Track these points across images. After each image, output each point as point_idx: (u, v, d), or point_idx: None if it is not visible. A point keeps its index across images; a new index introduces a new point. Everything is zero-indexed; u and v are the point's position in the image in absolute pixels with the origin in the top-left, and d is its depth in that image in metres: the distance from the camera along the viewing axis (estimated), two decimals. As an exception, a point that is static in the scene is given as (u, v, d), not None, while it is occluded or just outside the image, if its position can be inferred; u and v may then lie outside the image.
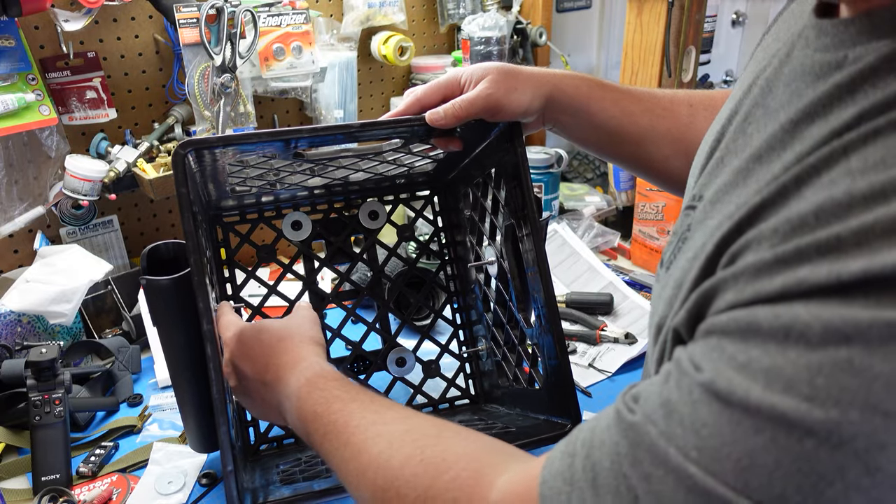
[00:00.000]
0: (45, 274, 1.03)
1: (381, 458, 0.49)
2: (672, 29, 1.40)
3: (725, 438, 0.32)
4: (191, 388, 0.76)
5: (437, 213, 0.99)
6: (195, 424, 0.79)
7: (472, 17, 1.47)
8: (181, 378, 0.76)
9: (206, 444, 0.81)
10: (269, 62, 1.25)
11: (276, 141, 0.69)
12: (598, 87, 0.73)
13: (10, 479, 0.86)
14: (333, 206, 0.93)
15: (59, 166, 1.11)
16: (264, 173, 0.79)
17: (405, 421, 0.52)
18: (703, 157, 0.50)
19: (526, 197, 0.73)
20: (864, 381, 0.29)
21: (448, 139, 0.75)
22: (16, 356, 0.95)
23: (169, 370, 0.77)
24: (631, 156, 0.76)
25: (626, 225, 1.49)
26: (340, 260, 0.94)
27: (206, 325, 0.64)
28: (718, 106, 0.73)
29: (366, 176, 0.88)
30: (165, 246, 0.76)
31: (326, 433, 0.55)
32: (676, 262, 0.45)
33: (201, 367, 0.66)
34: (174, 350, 0.74)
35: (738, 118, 0.47)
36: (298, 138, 0.68)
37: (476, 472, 0.44)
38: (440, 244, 0.99)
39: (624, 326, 1.15)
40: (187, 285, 0.66)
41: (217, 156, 0.69)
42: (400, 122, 0.71)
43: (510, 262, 0.83)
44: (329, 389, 0.57)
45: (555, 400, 0.75)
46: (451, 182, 0.97)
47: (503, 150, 0.76)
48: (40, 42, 1.09)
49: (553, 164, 1.46)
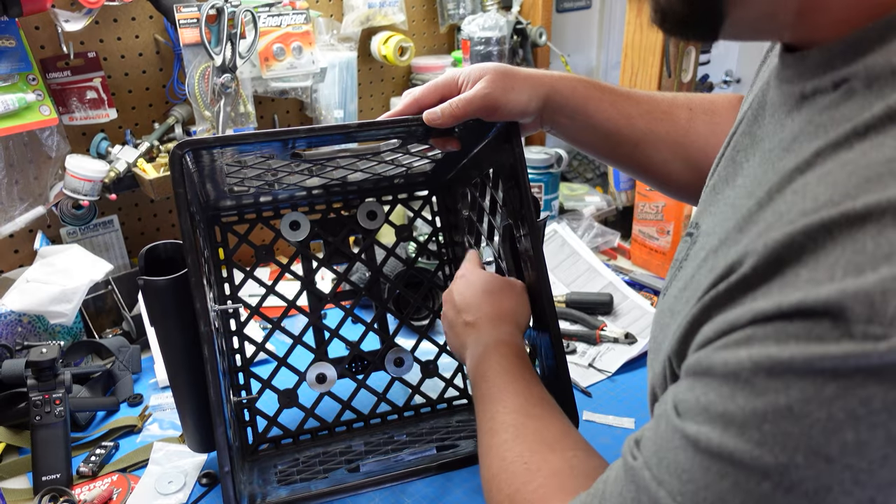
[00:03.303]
0: (45, 274, 1.03)
1: (503, 446, 0.57)
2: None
3: (699, 483, 0.35)
4: (189, 389, 0.76)
5: (436, 213, 0.99)
6: (193, 424, 0.79)
7: (472, 18, 1.47)
8: (179, 378, 0.76)
9: (205, 444, 0.81)
10: (270, 62, 1.25)
11: (273, 141, 0.69)
12: (597, 90, 0.73)
13: (10, 478, 0.86)
14: (332, 207, 0.93)
15: (59, 166, 1.11)
16: (262, 173, 0.79)
17: (540, 419, 0.59)
18: (707, 181, 0.53)
19: (524, 197, 0.73)
20: (803, 427, 0.31)
21: (446, 139, 0.75)
22: (16, 356, 0.95)
23: (167, 370, 0.77)
24: (628, 158, 0.76)
25: (625, 225, 1.49)
26: (339, 260, 0.94)
27: (203, 326, 0.64)
28: (718, 111, 0.74)
29: (364, 176, 0.88)
30: (164, 246, 0.76)
31: (483, 396, 0.64)
32: (670, 291, 0.48)
33: (199, 368, 0.67)
34: (172, 350, 0.75)
35: (730, 147, 0.49)
36: (296, 138, 0.68)
37: (550, 492, 0.51)
38: (438, 244, 0.99)
39: (624, 326, 1.16)
40: (185, 286, 0.66)
41: (214, 156, 0.69)
42: (398, 122, 0.71)
43: (508, 263, 0.83)
44: (509, 359, 0.66)
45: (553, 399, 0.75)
46: (450, 182, 0.97)
47: (501, 151, 0.76)
48: (41, 42, 1.09)
49: (553, 164, 1.46)
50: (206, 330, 0.63)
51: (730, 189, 0.45)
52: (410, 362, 0.93)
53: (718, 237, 0.42)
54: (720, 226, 0.43)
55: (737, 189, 0.44)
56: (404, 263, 0.97)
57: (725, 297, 0.36)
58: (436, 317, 0.97)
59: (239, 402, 0.86)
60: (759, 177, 0.41)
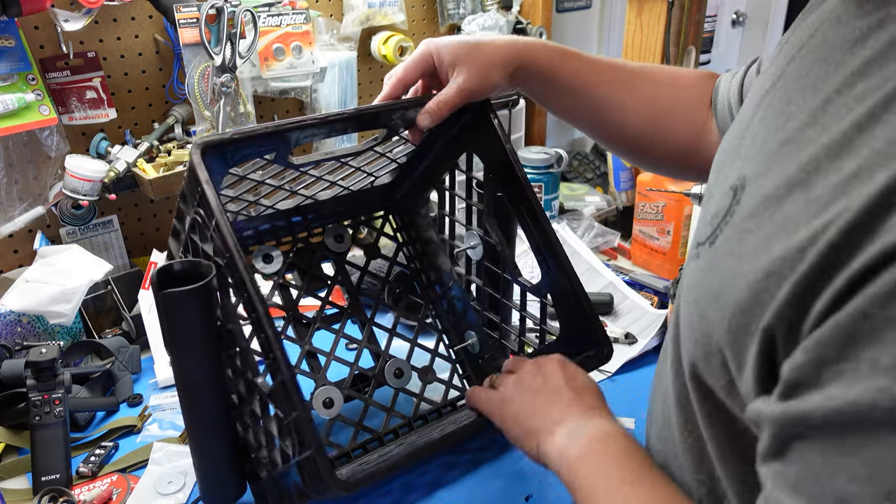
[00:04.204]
0: (45, 274, 1.03)
1: None
2: (672, 29, 1.40)
3: None
4: (210, 424, 0.69)
5: (398, 229, 1.01)
6: (213, 475, 0.71)
7: (472, 17, 1.47)
8: (201, 416, 0.68)
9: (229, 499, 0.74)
10: (269, 62, 1.25)
11: (279, 133, 0.70)
12: (562, 56, 0.77)
13: (10, 479, 0.86)
14: (298, 237, 0.94)
15: (59, 166, 1.11)
16: (245, 193, 0.80)
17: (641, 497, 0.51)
18: (735, 135, 0.49)
19: (513, 161, 0.78)
20: None
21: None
22: (16, 356, 0.95)
23: (183, 409, 0.69)
24: (588, 123, 0.82)
25: (626, 225, 1.49)
26: (317, 286, 0.94)
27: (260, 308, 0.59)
28: (682, 85, 0.79)
29: (332, 193, 0.91)
30: (178, 265, 0.67)
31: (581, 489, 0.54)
32: (720, 240, 0.42)
33: (224, 400, 0.64)
34: (194, 379, 0.67)
35: (769, 97, 0.45)
36: (303, 127, 0.70)
37: None
38: (407, 257, 1.01)
39: (624, 326, 1.15)
40: (208, 295, 0.63)
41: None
42: (393, 105, 0.75)
43: (498, 235, 0.86)
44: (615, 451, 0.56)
45: (577, 338, 0.79)
46: (405, 196, 0.99)
47: (477, 129, 0.81)
48: (40, 42, 1.09)
49: (553, 164, 1.46)
50: (263, 310, 0.60)
51: (779, 133, 0.41)
52: (409, 371, 0.92)
53: (790, 171, 0.37)
54: (786, 164, 0.38)
55: (790, 132, 0.40)
56: (377, 280, 0.99)
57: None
58: (421, 327, 0.96)
59: None
60: (831, 109, 0.37)
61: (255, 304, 0.59)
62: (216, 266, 0.64)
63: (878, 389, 0.28)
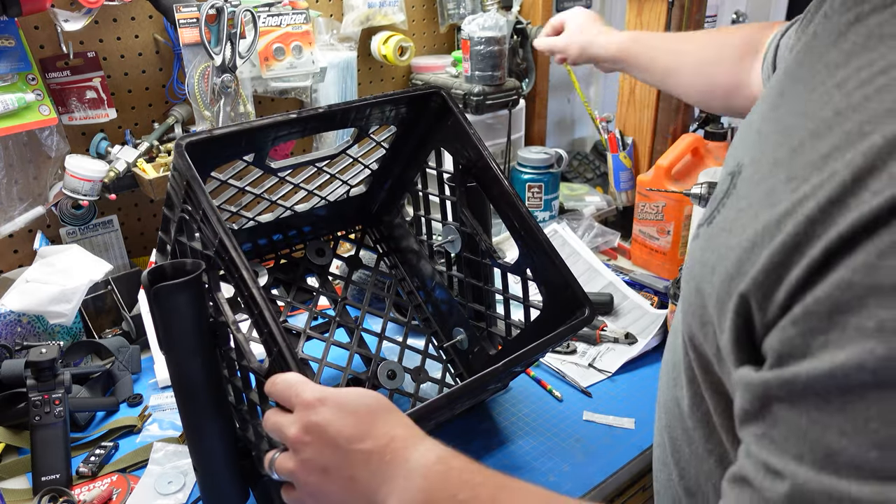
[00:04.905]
0: (44, 274, 1.03)
1: None
2: (672, 29, 1.40)
3: None
4: (210, 425, 0.68)
5: (377, 241, 1.04)
6: (218, 478, 0.70)
7: (472, 17, 1.47)
8: (199, 417, 0.67)
9: None
10: (269, 62, 1.25)
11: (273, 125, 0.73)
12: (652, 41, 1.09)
13: (10, 479, 0.86)
14: (280, 254, 0.96)
15: (59, 166, 1.11)
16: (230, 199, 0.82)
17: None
18: (744, 125, 0.52)
19: (479, 146, 0.82)
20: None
21: None
22: (16, 356, 0.95)
23: (181, 411, 0.67)
24: (664, 84, 1.08)
25: (626, 225, 1.49)
26: (304, 298, 0.96)
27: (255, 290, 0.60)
28: (730, 43, 0.98)
29: (310, 205, 0.93)
30: (169, 266, 0.66)
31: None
32: (716, 220, 0.44)
33: (222, 398, 0.64)
34: (190, 378, 0.65)
35: (773, 92, 0.48)
36: (278, 125, 0.72)
37: None
38: (389, 266, 1.03)
39: (624, 326, 1.15)
40: (199, 290, 0.64)
41: None
42: (367, 101, 0.79)
43: (473, 223, 0.89)
44: (470, 473, 0.51)
45: (561, 305, 0.82)
46: (380, 208, 1.01)
47: (441, 121, 0.86)
48: (40, 42, 1.09)
49: (553, 164, 1.46)
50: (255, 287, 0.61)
51: (772, 123, 0.43)
52: (402, 373, 0.93)
53: (778, 154, 0.39)
54: (776, 148, 0.40)
55: (781, 121, 0.42)
56: (362, 289, 1.00)
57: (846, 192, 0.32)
58: (407, 332, 0.97)
59: None
60: (815, 97, 0.39)
61: (248, 281, 0.61)
62: (206, 259, 0.65)
63: (866, 351, 0.29)
